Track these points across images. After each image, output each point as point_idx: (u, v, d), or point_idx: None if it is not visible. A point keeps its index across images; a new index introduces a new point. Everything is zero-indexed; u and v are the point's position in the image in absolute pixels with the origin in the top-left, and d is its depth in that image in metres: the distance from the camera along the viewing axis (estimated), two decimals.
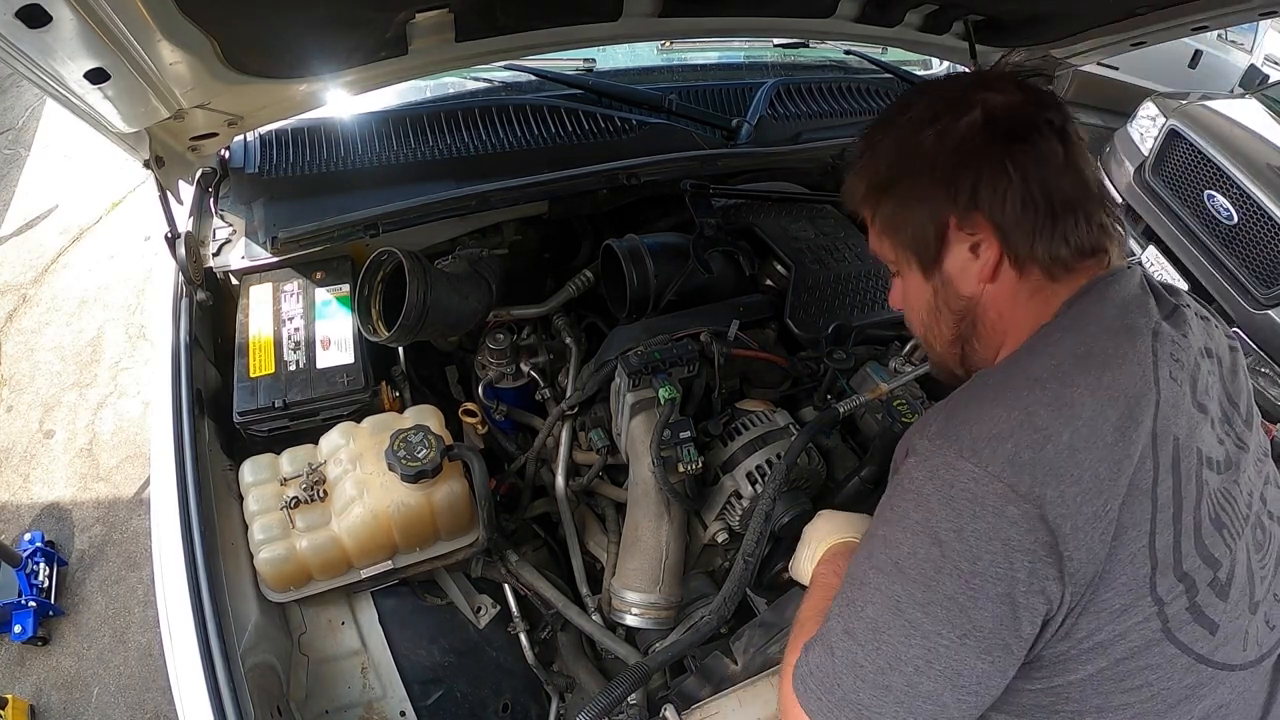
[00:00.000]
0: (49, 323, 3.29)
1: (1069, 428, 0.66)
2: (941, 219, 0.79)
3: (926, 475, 0.69)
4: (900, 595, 0.67)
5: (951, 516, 0.66)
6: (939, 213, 0.79)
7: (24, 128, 4.36)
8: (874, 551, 0.72)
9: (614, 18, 1.33)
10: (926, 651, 0.66)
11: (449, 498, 1.20)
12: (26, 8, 0.71)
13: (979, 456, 0.66)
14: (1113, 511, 0.65)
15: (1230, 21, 1.53)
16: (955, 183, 0.77)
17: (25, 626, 2.19)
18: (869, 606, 0.70)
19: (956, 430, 0.70)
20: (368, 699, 1.18)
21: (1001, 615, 0.64)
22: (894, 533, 0.70)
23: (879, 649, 0.68)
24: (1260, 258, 3.38)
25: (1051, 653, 0.68)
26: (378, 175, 1.58)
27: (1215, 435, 0.76)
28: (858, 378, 1.38)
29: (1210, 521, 0.72)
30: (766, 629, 1.11)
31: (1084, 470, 0.65)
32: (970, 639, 0.65)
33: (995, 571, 0.64)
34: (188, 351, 1.26)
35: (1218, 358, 0.82)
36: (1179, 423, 0.70)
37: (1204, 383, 0.77)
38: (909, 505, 0.70)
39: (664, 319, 1.43)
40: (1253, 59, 5.74)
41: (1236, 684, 0.74)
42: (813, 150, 1.79)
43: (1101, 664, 0.68)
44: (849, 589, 0.73)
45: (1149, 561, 0.67)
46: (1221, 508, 0.73)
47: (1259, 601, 0.77)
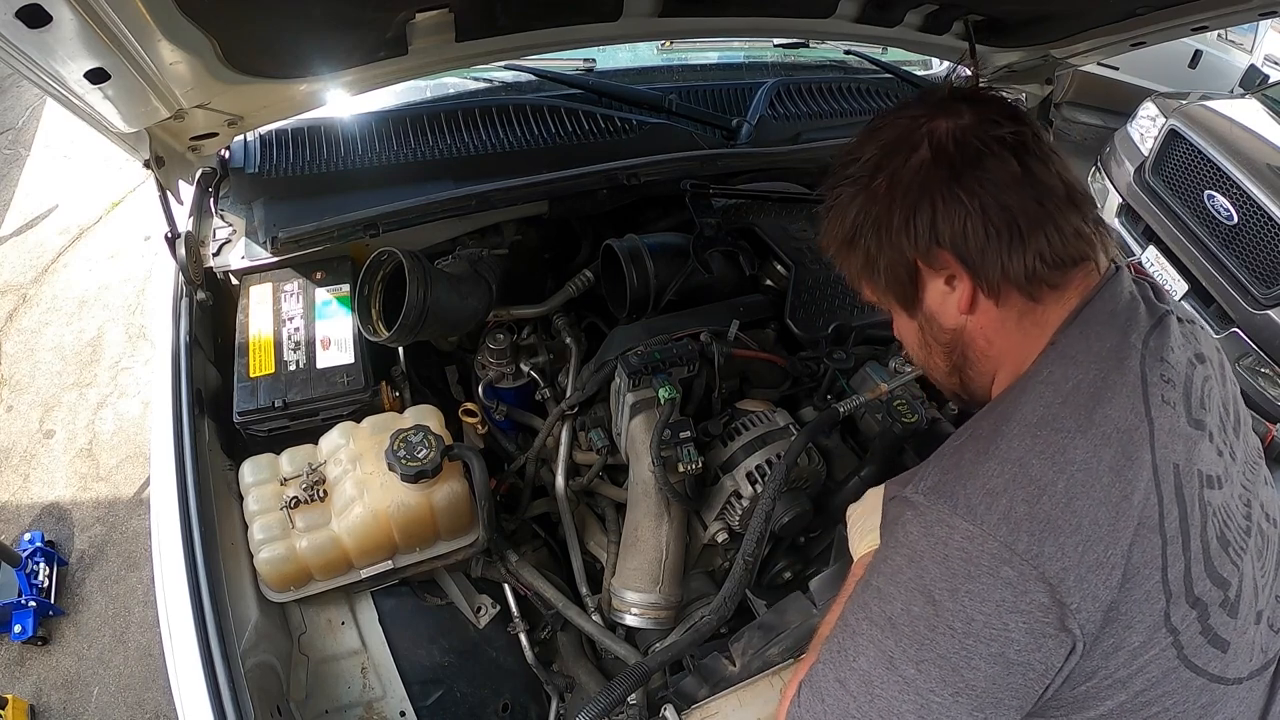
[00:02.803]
0: (49, 323, 3.29)
1: (1063, 476, 0.65)
2: (909, 261, 0.78)
3: (921, 531, 0.69)
4: (893, 651, 0.67)
5: (946, 576, 0.65)
6: (904, 256, 0.78)
7: (24, 128, 4.36)
8: (868, 602, 0.71)
9: (614, 18, 1.33)
10: (919, 707, 0.65)
11: (449, 498, 1.20)
12: (26, 8, 0.71)
13: (974, 514, 0.66)
14: (1116, 556, 0.64)
15: (1230, 21, 1.53)
16: (914, 224, 0.76)
17: (25, 626, 2.19)
18: (861, 658, 0.69)
19: (951, 486, 0.69)
20: (368, 699, 1.18)
21: (995, 675, 0.64)
22: (888, 586, 0.70)
23: (871, 702, 0.67)
24: (1260, 258, 3.38)
25: (1072, 693, 0.68)
26: (378, 175, 1.57)
27: (1214, 448, 0.75)
28: (858, 378, 1.38)
29: (1217, 541, 0.71)
30: (766, 631, 1.11)
31: (1082, 518, 0.64)
32: (963, 696, 0.64)
33: (989, 633, 0.63)
34: (188, 351, 1.26)
35: (1209, 360, 0.81)
36: (1176, 449, 0.70)
37: (1199, 394, 0.76)
38: (903, 560, 0.69)
39: (664, 319, 1.43)
40: (1253, 59, 5.74)
41: (1243, 695, 0.74)
42: (813, 150, 1.79)
43: (1121, 698, 0.68)
44: (841, 635, 0.73)
45: (1163, 595, 0.67)
46: (1225, 525, 0.73)
47: (1262, 610, 0.76)
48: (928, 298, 0.81)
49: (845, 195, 0.82)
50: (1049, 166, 0.74)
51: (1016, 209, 0.73)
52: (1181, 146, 3.79)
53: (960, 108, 0.76)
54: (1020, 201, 0.73)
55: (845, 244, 0.84)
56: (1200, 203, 3.65)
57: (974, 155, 0.73)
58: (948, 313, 0.80)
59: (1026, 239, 0.73)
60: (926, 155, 0.75)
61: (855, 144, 0.82)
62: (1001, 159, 0.73)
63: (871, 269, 0.82)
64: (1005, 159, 0.73)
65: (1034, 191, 0.73)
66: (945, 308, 0.80)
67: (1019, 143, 0.74)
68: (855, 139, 0.83)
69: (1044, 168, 0.74)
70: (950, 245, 0.75)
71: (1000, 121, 0.75)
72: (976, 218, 0.73)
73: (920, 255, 0.77)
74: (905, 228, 0.76)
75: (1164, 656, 0.68)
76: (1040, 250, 0.73)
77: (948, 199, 0.74)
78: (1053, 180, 0.74)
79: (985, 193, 0.73)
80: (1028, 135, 0.75)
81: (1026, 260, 0.73)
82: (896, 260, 0.79)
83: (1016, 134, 0.74)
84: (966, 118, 0.75)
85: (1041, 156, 0.74)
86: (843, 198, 0.82)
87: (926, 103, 0.79)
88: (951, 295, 0.79)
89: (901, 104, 0.82)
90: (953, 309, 0.79)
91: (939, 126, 0.75)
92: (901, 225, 0.76)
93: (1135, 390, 0.70)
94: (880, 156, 0.78)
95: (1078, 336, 0.75)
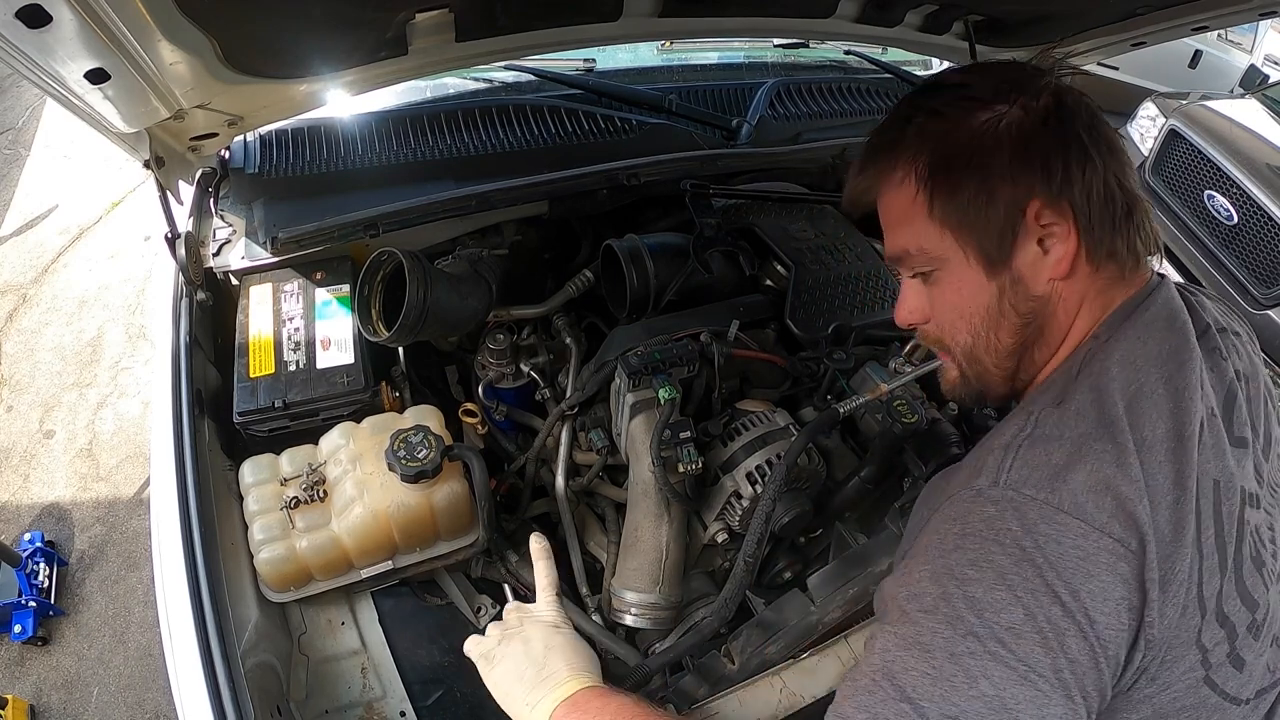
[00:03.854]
0: (49, 323, 3.29)
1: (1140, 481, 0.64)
2: (1023, 204, 0.71)
3: (1023, 529, 0.62)
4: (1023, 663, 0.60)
5: (1063, 575, 0.61)
6: (1022, 197, 0.71)
7: (24, 128, 4.36)
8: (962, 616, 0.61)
9: (614, 18, 1.33)
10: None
11: (449, 498, 1.20)
12: (26, 8, 0.70)
13: (1083, 510, 0.62)
14: (1183, 572, 0.64)
15: (1230, 21, 1.53)
16: (1046, 164, 0.70)
17: (25, 626, 2.19)
18: (981, 682, 0.59)
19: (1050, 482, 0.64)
20: (368, 699, 1.18)
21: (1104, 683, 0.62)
22: (992, 593, 0.61)
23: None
24: (1260, 258, 3.38)
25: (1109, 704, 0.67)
26: (378, 175, 1.57)
27: (1254, 467, 0.75)
28: (858, 378, 1.38)
29: (1251, 561, 0.70)
30: (764, 629, 1.11)
31: (1161, 529, 0.63)
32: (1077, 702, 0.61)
33: (1110, 634, 0.61)
34: (188, 351, 1.26)
35: (1250, 377, 0.80)
36: (1218, 464, 0.69)
37: (1243, 411, 0.75)
38: (1008, 560, 0.61)
39: (664, 319, 1.43)
40: (1253, 59, 5.74)
41: (1246, 713, 0.74)
42: (813, 150, 1.79)
43: (1146, 712, 0.67)
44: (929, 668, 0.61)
45: (1199, 612, 0.66)
46: (1261, 544, 0.72)
47: (1278, 635, 0.76)
48: (1019, 256, 0.73)
49: (950, 115, 0.74)
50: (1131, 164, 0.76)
51: (1127, 184, 0.73)
52: (1181, 146, 3.79)
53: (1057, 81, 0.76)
54: (1126, 181, 0.73)
55: (943, 168, 0.74)
56: (1200, 203, 3.65)
57: (1096, 123, 0.72)
58: (1039, 276, 0.74)
59: (1130, 216, 0.73)
60: (1052, 104, 0.72)
61: (955, 74, 0.77)
62: (1113, 137, 0.73)
63: (972, 205, 0.73)
64: (1115, 139, 0.73)
65: (1132, 178, 0.74)
66: (1038, 270, 0.73)
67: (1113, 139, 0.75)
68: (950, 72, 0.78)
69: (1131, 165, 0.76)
70: (1073, 200, 0.71)
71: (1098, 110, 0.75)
72: (1100, 179, 0.70)
73: (1044, 200, 0.71)
74: (1039, 164, 0.70)
75: (1192, 676, 0.67)
76: (1138, 230, 0.73)
77: (1081, 151, 0.70)
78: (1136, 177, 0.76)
79: (1107, 159, 0.71)
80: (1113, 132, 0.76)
81: (1130, 236, 0.73)
82: (1010, 200, 0.71)
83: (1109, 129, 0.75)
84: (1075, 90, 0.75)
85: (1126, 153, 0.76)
86: (944, 118, 0.74)
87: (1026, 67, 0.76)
88: (1046, 258, 0.72)
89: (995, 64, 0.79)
90: (1046, 272, 0.73)
91: (1066, 95, 0.72)
92: (1033, 160, 0.70)
93: (1194, 399, 0.69)
94: (1003, 89, 0.72)
95: (1135, 339, 0.72)
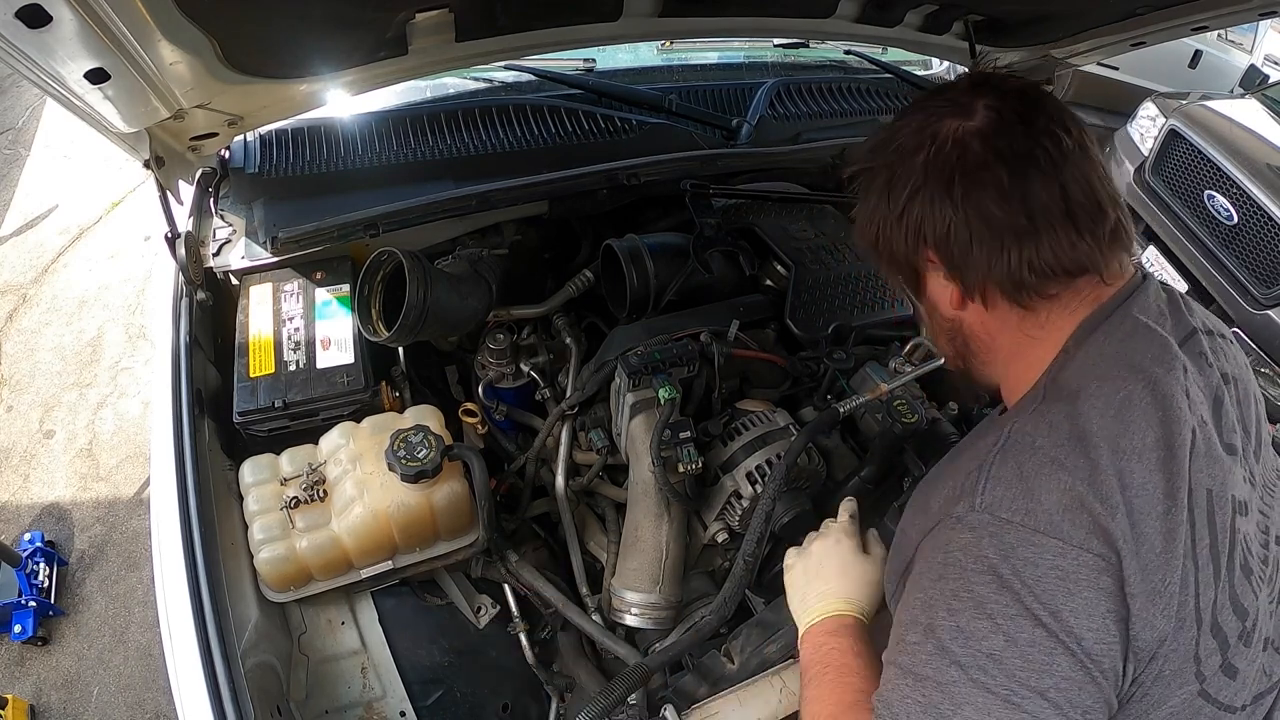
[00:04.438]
0: (49, 323, 3.29)
1: (1125, 496, 0.65)
2: (910, 252, 0.80)
3: (1000, 556, 0.64)
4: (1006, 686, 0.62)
5: (1042, 598, 0.62)
6: (903, 248, 0.80)
7: (24, 128, 4.36)
8: (946, 646, 0.65)
9: (614, 18, 1.33)
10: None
11: (449, 498, 1.20)
12: (26, 8, 0.71)
13: (1059, 530, 0.64)
14: (1173, 584, 0.64)
15: (1230, 21, 1.53)
16: (905, 221, 0.77)
17: (25, 626, 2.19)
18: (967, 707, 0.62)
19: (1023, 503, 0.66)
20: (368, 699, 1.19)
21: (1105, 696, 0.63)
22: (974, 623, 0.64)
23: None
24: (1260, 258, 3.38)
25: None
26: (378, 175, 1.57)
27: (1244, 473, 0.75)
28: (858, 378, 1.38)
29: (1241, 570, 0.70)
30: (764, 628, 1.11)
31: (1151, 542, 0.64)
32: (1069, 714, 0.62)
33: (1101, 649, 0.62)
34: (188, 351, 1.26)
35: (1236, 379, 0.80)
36: (1209, 472, 0.69)
37: (1229, 416, 0.75)
38: (987, 589, 0.64)
39: (664, 319, 1.43)
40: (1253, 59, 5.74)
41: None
42: (813, 150, 1.79)
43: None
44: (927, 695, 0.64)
45: (1195, 624, 0.66)
46: (1249, 552, 0.72)
47: (1270, 637, 0.76)
48: (929, 287, 0.83)
49: (867, 183, 0.83)
50: (1054, 177, 0.71)
51: (1001, 221, 0.72)
52: (1181, 146, 3.79)
53: (976, 106, 0.74)
54: (1007, 214, 0.72)
55: (862, 229, 0.85)
56: (1200, 203, 3.65)
57: (972, 164, 0.72)
58: (944, 305, 0.82)
59: (1009, 249, 0.72)
60: (928, 157, 0.75)
61: (887, 131, 0.82)
62: (994, 171, 0.72)
63: (882, 256, 0.84)
64: (998, 171, 0.71)
65: (1024, 205, 0.71)
66: (942, 299, 0.82)
67: (1022, 153, 0.72)
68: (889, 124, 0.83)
69: (1046, 180, 0.71)
70: (934, 246, 0.76)
71: (1011, 127, 0.73)
72: (960, 224, 0.73)
73: (910, 251, 0.79)
74: (898, 223, 0.78)
75: (1187, 689, 0.67)
76: (1029, 260, 0.72)
77: (937, 202, 0.74)
78: (1051, 193, 0.71)
79: (971, 202, 0.72)
80: (1038, 144, 0.72)
81: (1010, 268, 0.73)
82: (899, 250, 0.81)
83: (1023, 144, 0.72)
84: (978, 118, 0.74)
85: (1049, 166, 0.71)
86: (866, 185, 0.83)
87: (948, 95, 0.78)
88: (946, 289, 0.80)
89: (930, 92, 0.81)
90: (947, 302, 0.81)
91: (946, 128, 0.75)
92: (895, 220, 0.78)
93: (1180, 408, 0.69)
94: (893, 151, 0.79)
95: (1110, 348, 0.73)
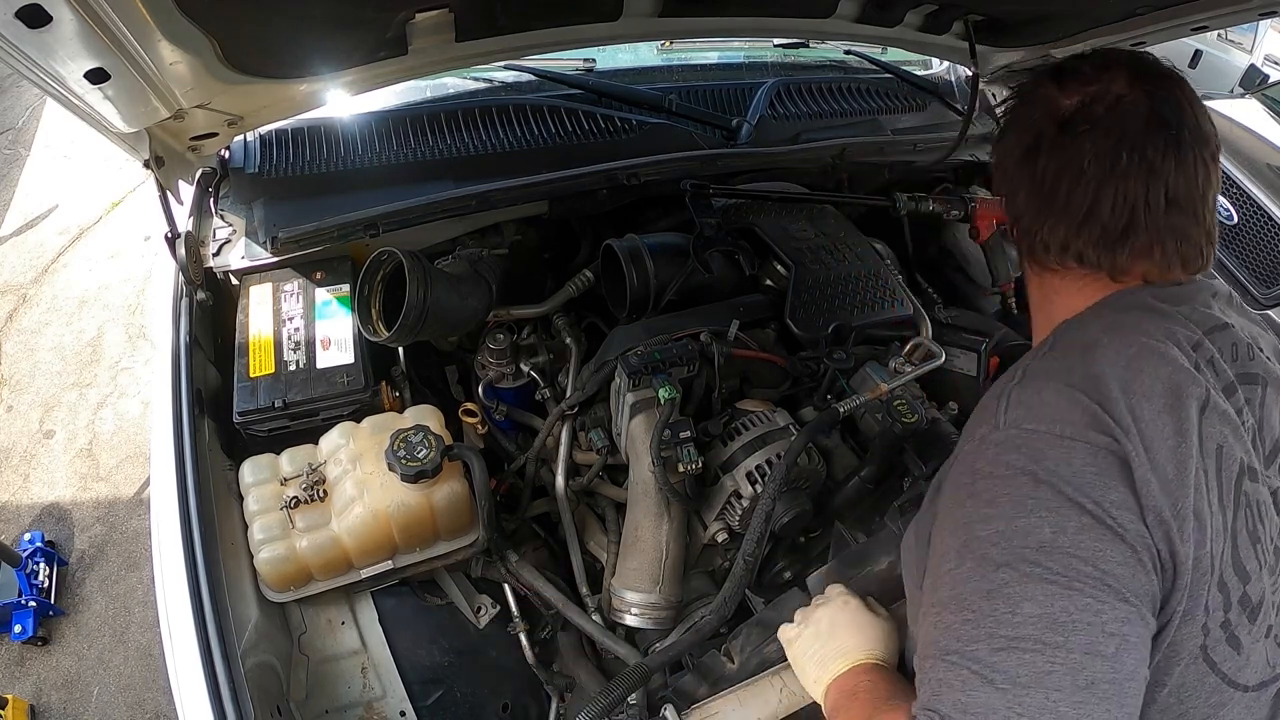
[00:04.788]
0: (49, 323, 3.29)
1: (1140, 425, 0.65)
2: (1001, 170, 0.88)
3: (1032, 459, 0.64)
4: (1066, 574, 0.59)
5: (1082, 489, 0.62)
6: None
7: (24, 128, 4.36)
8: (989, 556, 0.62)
9: (614, 18, 1.33)
10: (1121, 625, 0.59)
11: (449, 498, 1.20)
12: (26, 8, 0.70)
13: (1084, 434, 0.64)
14: (1187, 511, 0.63)
15: (1230, 21, 1.53)
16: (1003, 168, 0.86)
17: (25, 626, 2.19)
18: (1026, 604, 0.59)
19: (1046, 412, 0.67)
20: (368, 699, 1.19)
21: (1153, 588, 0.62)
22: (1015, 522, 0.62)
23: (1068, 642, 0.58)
24: (1260, 258, 3.38)
25: None
26: (378, 175, 1.57)
27: (1254, 456, 0.74)
28: (858, 378, 1.38)
29: (1247, 533, 0.70)
30: (764, 628, 1.11)
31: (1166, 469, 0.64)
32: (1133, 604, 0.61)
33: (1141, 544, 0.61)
34: (188, 351, 1.26)
35: (1264, 382, 0.79)
36: (1223, 432, 0.69)
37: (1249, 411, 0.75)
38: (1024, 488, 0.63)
39: (664, 319, 1.43)
40: (1253, 59, 5.73)
41: (1249, 704, 0.73)
42: (813, 150, 1.79)
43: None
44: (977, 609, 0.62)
45: (1208, 569, 0.65)
46: (1259, 521, 0.72)
47: (1273, 626, 0.75)
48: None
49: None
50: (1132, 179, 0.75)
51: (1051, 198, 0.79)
52: None
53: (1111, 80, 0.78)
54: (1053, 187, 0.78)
55: None
56: None
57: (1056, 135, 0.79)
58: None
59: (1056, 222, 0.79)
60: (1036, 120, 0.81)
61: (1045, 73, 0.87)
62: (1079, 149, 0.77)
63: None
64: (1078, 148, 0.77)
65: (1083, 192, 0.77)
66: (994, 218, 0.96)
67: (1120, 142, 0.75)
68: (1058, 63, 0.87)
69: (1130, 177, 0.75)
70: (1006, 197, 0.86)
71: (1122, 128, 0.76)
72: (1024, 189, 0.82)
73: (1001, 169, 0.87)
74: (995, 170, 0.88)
75: (1193, 643, 0.66)
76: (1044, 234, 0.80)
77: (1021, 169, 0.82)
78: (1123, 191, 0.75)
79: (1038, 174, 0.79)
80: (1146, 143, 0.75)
81: (1042, 236, 0.80)
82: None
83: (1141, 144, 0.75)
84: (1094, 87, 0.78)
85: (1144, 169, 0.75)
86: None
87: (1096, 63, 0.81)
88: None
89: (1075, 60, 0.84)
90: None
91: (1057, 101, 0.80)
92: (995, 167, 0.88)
93: (1181, 371, 0.69)
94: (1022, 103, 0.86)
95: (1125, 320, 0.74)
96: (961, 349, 1.58)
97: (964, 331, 1.65)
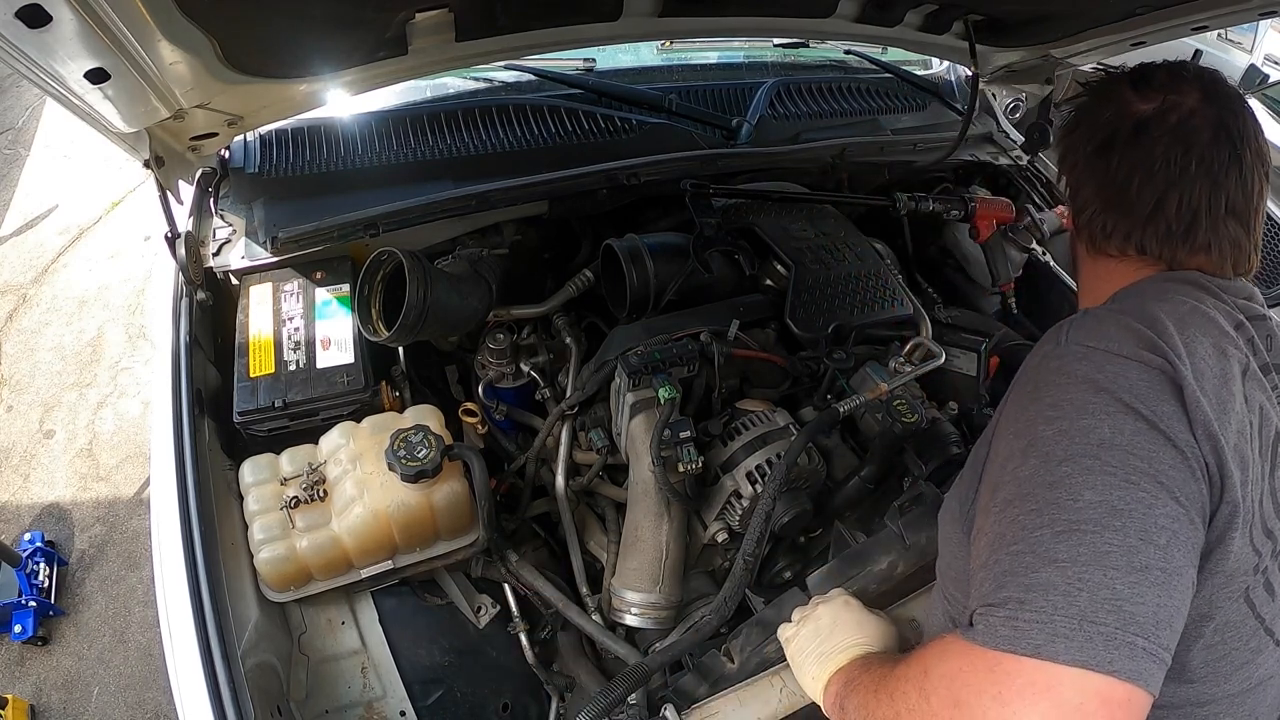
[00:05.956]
0: (49, 323, 3.29)
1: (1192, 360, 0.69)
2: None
3: (1093, 369, 0.69)
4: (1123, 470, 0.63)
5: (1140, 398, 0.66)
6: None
7: (24, 128, 4.36)
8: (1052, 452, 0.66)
9: (614, 18, 1.33)
10: (1171, 521, 0.62)
11: (449, 498, 1.20)
12: (26, 8, 0.71)
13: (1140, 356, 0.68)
14: (1230, 441, 0.66)
15: (1230, 21, 1.53)
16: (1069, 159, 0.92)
17: (25, 626, 2.19)
18: (1087, 492, 0.63)
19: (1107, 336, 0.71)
20: (368, 699, 1.19)
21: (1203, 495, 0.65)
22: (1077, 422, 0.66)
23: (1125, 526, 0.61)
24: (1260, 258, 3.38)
25: None
26: (378, 175, 1.58)
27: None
28: (858, 378, 1.38)
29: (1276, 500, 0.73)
30: (764, 628, 1.11)
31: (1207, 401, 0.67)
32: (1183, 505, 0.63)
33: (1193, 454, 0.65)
34: (188, 351, 1.26)
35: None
36: (1260, 394, 0.73)
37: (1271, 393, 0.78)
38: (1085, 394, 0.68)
39: (664, 319, 1.43)
40: (1253, 59, 5.72)
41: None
42: (813, 150, 1.79)
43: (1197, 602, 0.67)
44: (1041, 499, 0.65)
45: (1244, 509, 0.67)
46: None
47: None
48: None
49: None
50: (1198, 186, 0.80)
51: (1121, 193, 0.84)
52: None
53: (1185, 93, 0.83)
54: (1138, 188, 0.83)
55: None
56: None
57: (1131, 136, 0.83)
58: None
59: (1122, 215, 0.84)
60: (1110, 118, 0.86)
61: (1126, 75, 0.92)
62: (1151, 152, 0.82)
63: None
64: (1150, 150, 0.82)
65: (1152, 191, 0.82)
66: None
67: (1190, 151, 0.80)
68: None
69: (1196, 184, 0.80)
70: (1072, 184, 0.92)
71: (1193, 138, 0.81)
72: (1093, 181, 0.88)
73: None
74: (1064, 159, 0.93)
75: (1239, 580, 0.69)
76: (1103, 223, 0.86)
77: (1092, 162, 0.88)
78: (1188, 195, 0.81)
79: (1110, 169, 0.85)
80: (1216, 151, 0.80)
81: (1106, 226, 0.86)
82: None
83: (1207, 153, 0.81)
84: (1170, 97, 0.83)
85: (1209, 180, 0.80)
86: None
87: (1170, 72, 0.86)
88: None
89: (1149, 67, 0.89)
90: None
91: (1133, 104, 0.85)
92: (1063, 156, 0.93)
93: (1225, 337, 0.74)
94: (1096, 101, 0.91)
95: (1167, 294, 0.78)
96: (961, 349, 1.58)
97: (964, 331, 1.66)
